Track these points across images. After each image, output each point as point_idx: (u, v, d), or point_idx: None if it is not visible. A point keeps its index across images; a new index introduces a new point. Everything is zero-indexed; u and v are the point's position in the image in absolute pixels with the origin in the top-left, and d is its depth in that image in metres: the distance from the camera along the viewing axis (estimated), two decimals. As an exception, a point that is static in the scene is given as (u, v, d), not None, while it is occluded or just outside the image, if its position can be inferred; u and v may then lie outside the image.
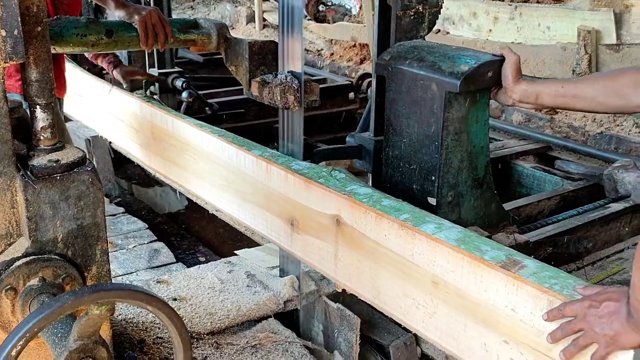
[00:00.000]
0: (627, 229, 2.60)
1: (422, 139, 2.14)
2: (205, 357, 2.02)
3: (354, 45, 5.36)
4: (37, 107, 1.47)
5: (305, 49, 6.64)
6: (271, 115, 4.32)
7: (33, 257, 1.45)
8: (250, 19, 7.56)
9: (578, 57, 4.23)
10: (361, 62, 5.27)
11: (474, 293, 1.53)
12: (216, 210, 3.05)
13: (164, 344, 2.07)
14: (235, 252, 2.63)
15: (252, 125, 4.02)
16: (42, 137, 1.49)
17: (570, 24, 4.36)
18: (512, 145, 3.45)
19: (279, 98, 2.05)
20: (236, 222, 2.87)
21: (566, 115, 3.96)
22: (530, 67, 4.49)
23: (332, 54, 5.50)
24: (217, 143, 2.38)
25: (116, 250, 3.61)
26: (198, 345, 2.07)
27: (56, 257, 1.48)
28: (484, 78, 1.98)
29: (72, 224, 1.49)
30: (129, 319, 2.17)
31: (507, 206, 2.54)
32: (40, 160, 1.47)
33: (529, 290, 1.40)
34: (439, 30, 5.12)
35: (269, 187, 2.16)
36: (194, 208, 3.67)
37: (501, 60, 1.92)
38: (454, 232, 1.63)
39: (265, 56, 2.18)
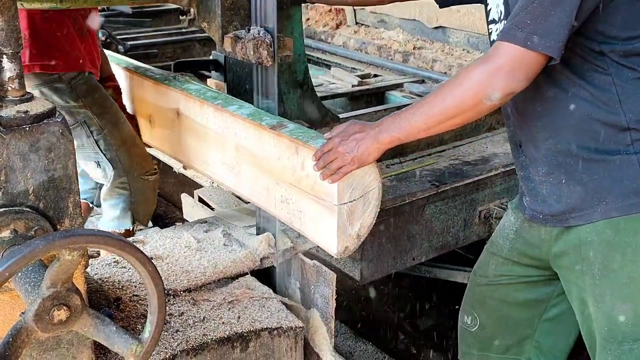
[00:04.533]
0: (449, 135, 3.04)
1: (250, 47, 2.63)
2: (182, 312, 2.03)
3: (330, 10, 5.31)
4: (4, 56, 1.44)
5: (281, 15, 6.56)
6: (184, 57, 4.48)
7: (4, 209, 1.44)
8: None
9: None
10: (337, 27, 5.24)
11: (258, 151, 2.06)
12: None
13: (140, 301, 2.07)
14: (212, 212, 2.63)
15: (167, 65, 4.15)
16: (9, 88, 1.47)
17: None
18: (389, 79, 3.87)
19: (252, 53, 2.04)
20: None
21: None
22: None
23: (308, 19, 5.45)
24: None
25: (92, 216, 3.59)
26: (175, 302, 2.08)
27: (28, 209, 1.47)
28: None
29: (43, 175, 1.48)
30: (105, 277, 2.17)
31: (348, 115, 3.10)
32: (8, 111, 1.44)
33: (285, 142, 1.94)
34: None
35: (133, 92, 2.76)
36: (169, 173, 3.65)
37: None
38: (248, 110, 2.15)
39: (237, 12, 2.16)
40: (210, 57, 3.24)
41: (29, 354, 1.57)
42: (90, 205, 3.06)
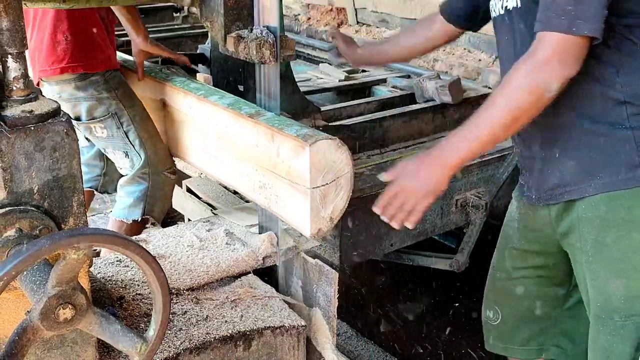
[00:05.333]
0: (429, 127, 3.13)
1: (230, 42, 2.69)
2: (185, 311, 2.03)
3: (331, 10, 5.32)
4: (9, 56, 1.45)
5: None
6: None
7: (9, 208, 1.44)
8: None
9: None
10: (338, 26, 5.24)
11: (238, 139, 2.15)
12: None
13: (143, 300, 2.08)
14: (213, 211, 2.64)
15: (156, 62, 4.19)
16: (14, 88, 1.47)
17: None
18: (375, 74, 3.96)
19: (254, 53, 2.04)
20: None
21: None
22: None
23: (309, 18, 5.45)
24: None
25: (94, 215, 3.60)
26: (178, 301, 2.08)
27: (32, 208, 1.48)
28: None
29: (48, 175, 1.49)
30: (108, 277, 2.17)
31: (333, 107, 3.19)
32: (13, 111, 1.45)
33: (262, 129, 2.02)
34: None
35: None
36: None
37: None
38: (229, 100, 2.24)
39: (240, 11, 2.16)
40: (198, 52, 3.32)
41: (33, 352, 1.58)
42: (95, 192, 3.09)
